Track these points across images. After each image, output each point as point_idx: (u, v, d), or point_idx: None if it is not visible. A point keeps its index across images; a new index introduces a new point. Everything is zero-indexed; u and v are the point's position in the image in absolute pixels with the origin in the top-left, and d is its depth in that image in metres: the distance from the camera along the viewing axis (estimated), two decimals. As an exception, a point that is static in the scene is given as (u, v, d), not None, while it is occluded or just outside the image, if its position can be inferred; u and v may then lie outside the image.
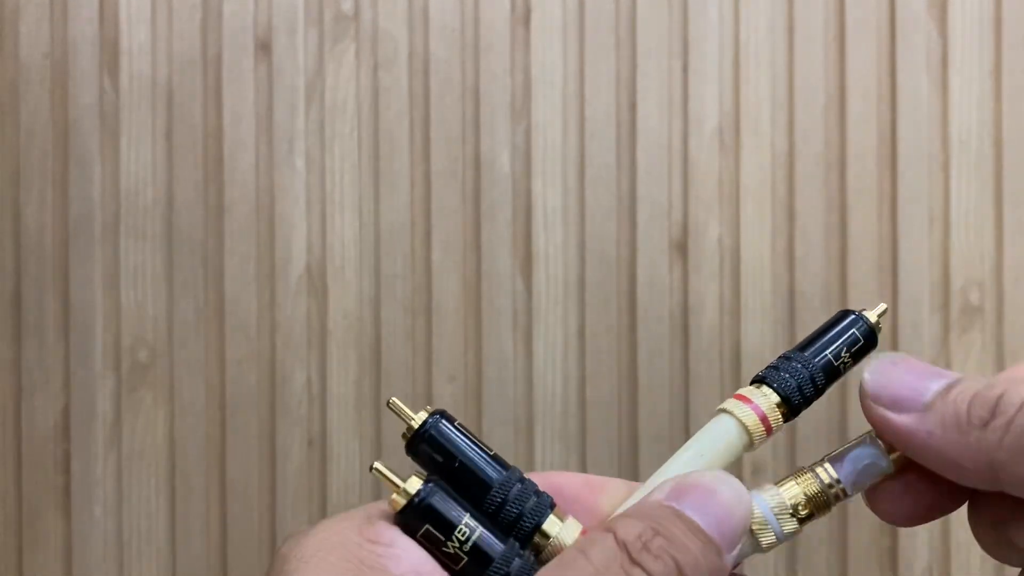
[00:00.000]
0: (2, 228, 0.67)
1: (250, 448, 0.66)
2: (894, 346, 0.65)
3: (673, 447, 0.28)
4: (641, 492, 0.26)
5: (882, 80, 0.65)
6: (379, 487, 0.65)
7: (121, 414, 0.67)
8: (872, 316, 0.28)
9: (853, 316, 0.28)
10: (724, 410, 0.27)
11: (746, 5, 0.66)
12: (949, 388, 0.23)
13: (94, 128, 0.67)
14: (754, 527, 0.24)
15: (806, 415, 0.26)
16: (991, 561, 0.25)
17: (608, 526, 0.23)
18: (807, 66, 0.66)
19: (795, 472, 0.26)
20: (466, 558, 0.24)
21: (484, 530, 0.24)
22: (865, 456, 0.25)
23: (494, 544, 0.24)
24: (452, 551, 0.24)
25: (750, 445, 0.27)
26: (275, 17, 0.67)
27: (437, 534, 0.24)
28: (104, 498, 0.66)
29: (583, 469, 0.65)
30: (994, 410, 0.22)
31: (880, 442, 0.25)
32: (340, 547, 0.23)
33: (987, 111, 0.65)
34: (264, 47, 0.67)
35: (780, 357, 0.28)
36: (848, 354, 0.27)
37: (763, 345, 0.65)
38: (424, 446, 0.26)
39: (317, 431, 0.66)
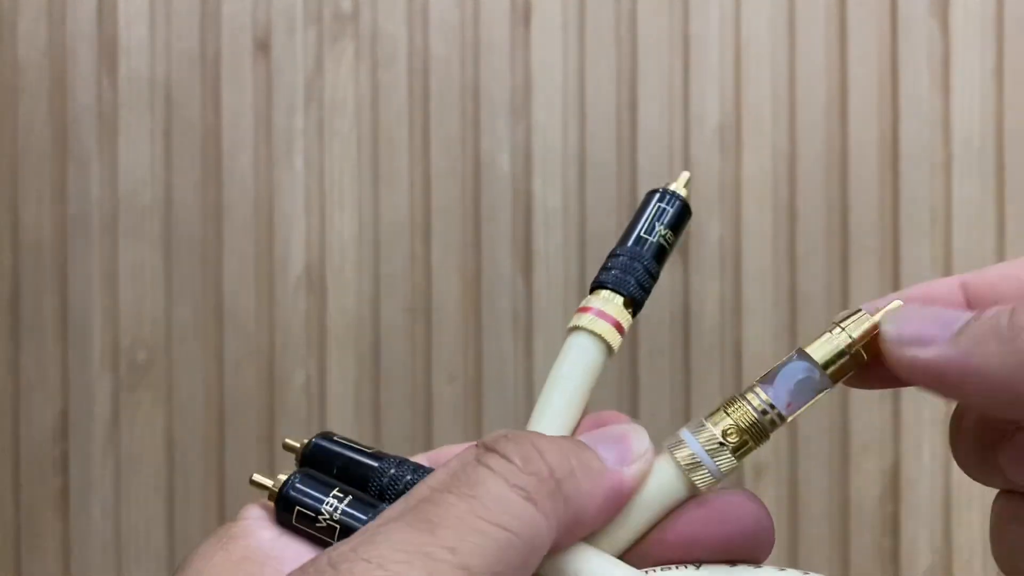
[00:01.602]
0: (0, 228, 0.67)
1: (249, 448, 0.66)
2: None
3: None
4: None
5: (883, 79, 0.65)
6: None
7: (119, 415, 0.66)
8: (679, 188, 0.29)
9: (659, 193, 0.29)
10: (578, 327, 0.27)
11: (747, 4, 0.66)
12: (981, 312, 0.20)
13: (92, 127, 0.67)
14: (685, 467, 0.23)
15: (808, 418, 0.25)
16: (993, 563, 0.24)
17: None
18: (808, 65, 0.65)
19: (725, 402, 0.23)
20: (339, 526, 0.24)
21: (355, 493, 0.24)
22: (798, 372, 0.23)
23: (367, 500, 0.24)
24: (325, 524, 0.24)
25: (611, 353, 0.27)
26: (274, 16, 0.67)
27: (308, 512, 0.24)
28: (102, 499, 0.66)
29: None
30: None
31: (811, 355, 0.23)
32: None
33: (988, 110, 0.65)
34: (263, 46, 0.67)
35: (609, 256, 0.28)
36: (672, 233, 0.28)
37: (764, 345, 0.64)
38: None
39: (316, 431, 0.66)
